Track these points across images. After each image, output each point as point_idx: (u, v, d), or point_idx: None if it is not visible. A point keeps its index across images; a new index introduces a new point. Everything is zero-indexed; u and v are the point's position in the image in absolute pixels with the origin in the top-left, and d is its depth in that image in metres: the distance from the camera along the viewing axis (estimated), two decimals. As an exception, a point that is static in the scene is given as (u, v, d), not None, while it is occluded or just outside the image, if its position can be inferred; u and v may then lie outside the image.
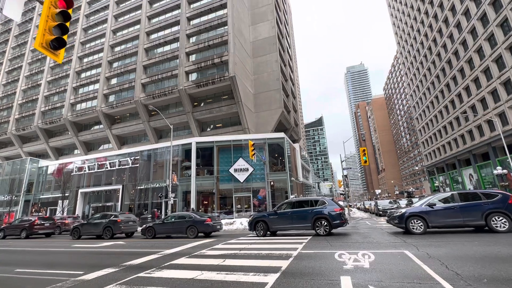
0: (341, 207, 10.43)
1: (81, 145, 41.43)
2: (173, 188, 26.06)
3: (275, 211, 11.17)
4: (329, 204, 10.39)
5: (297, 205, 11.05)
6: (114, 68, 40.03)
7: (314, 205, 10.66)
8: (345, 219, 10.31)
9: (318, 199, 10.86)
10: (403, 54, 62.90)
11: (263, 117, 34.97)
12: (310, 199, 11.03)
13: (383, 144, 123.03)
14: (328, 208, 10.14)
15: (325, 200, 10.61)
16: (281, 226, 10.84)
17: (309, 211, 10.39)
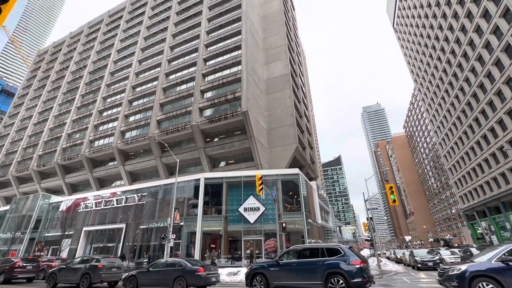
0: (363, 259, 7.94)
1: (94, 182, 41.34)
2: (176, 228, 23.89)
3: (277, 262, 8.87)
4: (347, 254, 8.00)
5: (305, 254, 8.71)
6: (133, 106, 41.69)
7: (327, 255, 8.27)
8: (370, 276, 7.80)
9: (332, 247, 8.49)
10: (421, 91, 61.46)
11: (276, 153, 33.41)
12: (321, 247, 8.67)
13: (408, 184, 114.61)
14: (345, 260, 7.73)
15: (342, 249, 8.22)
16: (285, 283, 8.45)
17: (319, 263, 8.03)
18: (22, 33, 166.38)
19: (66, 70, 57.99)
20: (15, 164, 49.94)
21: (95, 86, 49.28)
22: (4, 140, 57.85)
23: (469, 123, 40.94)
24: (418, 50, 57.16)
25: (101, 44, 55.71)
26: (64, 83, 54.97)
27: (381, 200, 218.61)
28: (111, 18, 58.84)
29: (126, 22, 54.56)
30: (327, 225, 38.19)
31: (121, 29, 53.26)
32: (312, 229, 31.70)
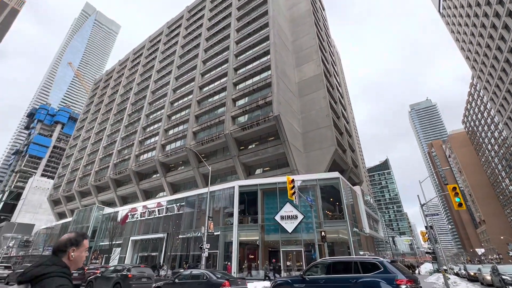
0: (410, 278, 6.12)
1: (141, 194, 44.04)
2: (212, 238, 23.49)
3: (301, 277, 7.52)
4: (388, 270, 6.29)
5: (336, 269, 7.21)
6: (171, 120, 43.90)
7: (361, 271, 6.65)
8: None
9: (369, 261, 6.84)
10: (482, 78, 53.24)
11: (314, 157, 31.42)
12: (355, 260, 7.07)
13: (475, 188, 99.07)
14: (386, 279, 6.05)
15: (381, 264, 6.51)
16: None
17: (352, 280, 6.50)
18: (84, 67, 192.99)
19: (116, 94, 64.50)
20: (77, 180, 56.30)
21: (139, 105, 53.53)
22: (69, 159, 66.10)
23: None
24: (473, 32, 50.09)
25: (143, 67, 60.85)
26: (114, 105, 61.03)
27: (441, 207, 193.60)
28: (151, 43, 64.23)
29: (164, 44, 58.87)
30: (377, 235, 34.21)
31: (160, 51, 57.57)
32: (362, 239, 28.57)
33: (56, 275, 1.65)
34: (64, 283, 1.65)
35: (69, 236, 1.92)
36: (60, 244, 1.87)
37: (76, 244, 1.90)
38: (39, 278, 1.61)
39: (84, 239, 1.97)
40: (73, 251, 1.86)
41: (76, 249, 1.88)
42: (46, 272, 1.64)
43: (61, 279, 1.65)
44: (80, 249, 1.91)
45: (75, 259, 1.86)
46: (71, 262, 1.84)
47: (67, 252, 1.84)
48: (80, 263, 1.93)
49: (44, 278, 1.62)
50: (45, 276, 1.62)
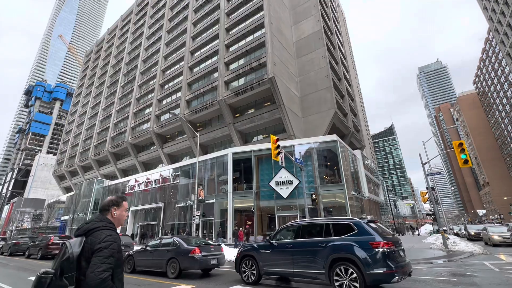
0: (388, 241, 5.15)
1: (140, 166, 43.88)
2: (206, 205, 23.17)
3: (269, 241, 6.61)
4: (363, 231, 5.34)
5: (306, 232, 6.24)
6: (164, 90, 42.01)
7: (333, 233, 5.68)
8: (400, 265, 4.99)
9: (341, 222, 5.87)
10: (499, 31, 48.66)
11: (312, 122, 29.89)
12: (326, 222, 6.02)
13: (481, 151, 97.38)
14: (359, 241, 5.17)
15: (355, 225, 5.55)
16: (277, 270, 6.26)
17: (322, 244, 5.63)
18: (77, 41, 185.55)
19: (107, 66, 61.78)
20: (78, 155, 56.42)
21: (131, 76, 51.25)
22: (69, 135, 65.81)
23: None
24: (493, -24, 44.68)
25: (133, 34, 57.20)
26: (107, 78, 58.75)
27: (445, 170, 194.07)
28: (139, 7, 59.62)
29: (152, 7, 54.53)
30: (378, 199, 33.85)
31: (148, 15, 53.56)
32: (363, 204, 28.12)
33: (105, 227, 1.96)
34: (112, 233, 1.95)
35: (111, 198, 2.18)
36: (104, 204, 2.15)
37: (117, 204, 2.15)
38: (91, 232, 1.92)
39: (123, 201, 2.19)
40: (114, 210, 2.12)
41: (117, 209, 2.14)
42: (96, 227, 1.94)
43: (109, 230, 1.96)
44: (121, 208, 2.16)
45: (117, 217, 2.13)
46: (114, 219, 2.11)
47: (110, 211, 2.11)
48: (122, 221, 2.18)
49: (95, 231, 1.92)
50: (96, 229, 1.92)
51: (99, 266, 1.73)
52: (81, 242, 1.88)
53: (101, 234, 1.88)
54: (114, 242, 1.89)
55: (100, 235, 1.88)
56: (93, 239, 1.86)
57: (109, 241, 1.86)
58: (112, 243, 1.87)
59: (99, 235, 1.87)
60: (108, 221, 2.04)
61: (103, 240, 1.85)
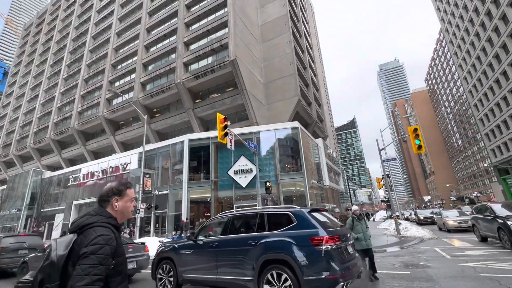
0: (333, 235, 4.01)
1: (89, 155, 39.40)
2: (159, 197, 21.19)
3: (191, 239, 5.28)
4: (302, 224, 4.16)
5: (237, 227, 4.97)
6: (117, 70, 37.75)
7: (267, 228, 4.41)
8: (345, 267, 3.89)
9: (278, 212, 4.63)
10: (449, 31, 52.50)
11: (276, 109, 29.02)
12: (259, 213, 4.74)
13: (430, 143, 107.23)
14: (296, 237, 4.01)
15: (294, 215, 4.33)
16: (197, 277, 4.90)
17: (252, 242, 4.35)
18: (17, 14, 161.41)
19: (50, 41, 54.00)
20: (14, 143, 49.06)
21: (79, 53, 45.32)
22: (3, 120, 56.86)
23: (511, 61, 33.80)
24: (447, -22, 47.53)
25: (81, 6, 50.37)
26: (50, 55, 51.38)
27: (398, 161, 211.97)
28: (89, -24, 52.48)
29: (103, -23, 48.29)
30: (338, 187, 34.64)
31: (99, -14, 47.35)
32: (325, 192, 28.26)
33: (99, 225, 1.55)
34: (105, 233, 1.51)
35: (111, 186, 1.76)
36: (102, 194, 1.74)
37: (119, 193, 1.72)
38: (83, 229, 1.53)
39: (127, 189, 1.76)
40: (116, 201, 1.70)
41: (120, 199, 1.71)
42: (89, 223, 1.55)
43: (103, 229, 1.53)
44: (124, 198, 1.73)
45: (120, 209, 1.71)
46: (117, 212, 1.69)
47: (110, 202, 1.70)
48: (128, 214, 1.74)
49: (87, 228, 1.53)
50: (89, 226, 1.53)
51: (82, 278, 1.34)
52: (69, 242, 1.51)
53: (91, 234, 1.47)
54: (105, 245, 1.46)
55: (90, 234, 1.47)
56: (83, 239, 1.48)
57: (98, 244, 1.44)
58: (102, 246, 1.44)
59: (89, 235, 1.47)
60: (107, 215, 1.63)
61: (91, 242, 1.44)
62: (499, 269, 5.60)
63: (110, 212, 1.66)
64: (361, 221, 6.02)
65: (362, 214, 6.21)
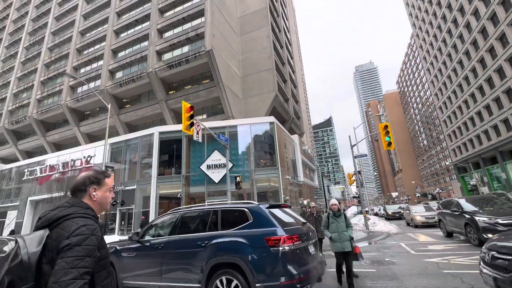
0: (292, 234, 3.60)
1: (50, 147, 36.19)
2: (125, 192, 19.88)
3: (135, 240, 4.63)
4: (259, 221, 3.72)
5: (187, 225, 4.38)
6: (82, 56, 34.86)
7: (220, 226, 3.90)
8: (308, 270, 3.50)
9: (233, 208, 4.15)
10: (419, 36, 55.25)
11: (253, 104, 28.52)
12: (212, 209, 4.23)
13: (399, 143, 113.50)
14: (250, 237, 3.58)
15: (250, 212, 3.89)
16: (139, 284, 4.26)
17: (203, 243, 3.85)
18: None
19: (6, 20, 48.59)
20: (-40, 132, 43.72)
21: (40, 35, 41.21)
22: None
23: (473, 66, 36.25)
24: (419, -15, 49.75)
25: (43, -17, 45.75)
26: (5, 35, 46.22)
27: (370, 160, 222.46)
28: (52, -50, 47.78)
29: (69, -47, 44.20)
30: (312, 184, 35.14)
31: (64, -38, 43.24)
32: (301, 188, 28.40)
33: (78, 216, 1.37)
34: (89, 222, 1.36)
35: (87, 174, 1.58)
36: (78, 183, 1.53)
37: (97, 182, 1.55)
38: (57, 222, 1.35)
39: (105, 177, 1.61)
40: (94, 190, 1.53)
41: (98, 188, 1.54)
42: (65, 214, 1.37)
43: (84, 219, 1.37)
44: (103, 188, 1.57)
45: (99, 200, 1.53)
46: (95, 203, 1.52)
47: (87, 192, 1.52)
48: (106, 205, 1.60)
49: (63, 220, 1.35)
50: (64, 218, 1.35)
51: (67, 272, 1.19)
52: (42, 237, 1.34)
53: (71, 225, 1.33)
54: (91, 235, 1.32)
55: (70, 226, 1.32)
56: (60, 232, 1.31)
57: (83, 235, 1.30)
58: (88, 236, 1.31)
59: (69, 226, 1.32)
60: (84, 206, 1.46)
61: (74, 233, 1.29)
62: (461, 264, 5.63)
63: (87, 203, 1.49)
64: (338, 218, 5.09)
65: (342, 209, 5.38)
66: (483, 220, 7.41)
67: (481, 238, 7.08)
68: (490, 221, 7.21)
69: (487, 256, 2.87)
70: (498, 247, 2.85)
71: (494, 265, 2.71)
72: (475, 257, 6.16)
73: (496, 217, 7.24)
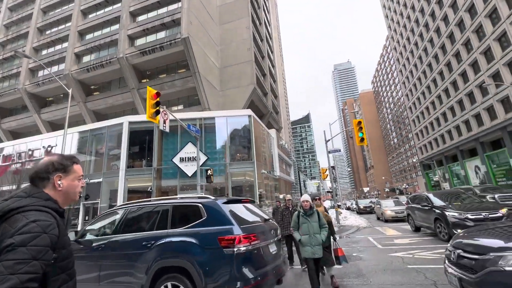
0: (250, 233, 3.21)
1: (5, 135, 32.87)
2: (90, 185, 18.58)
3: (75, 240, 4.06)
4: (213, 218, 3.28)
5: (132, 223, 3.87)
6: (45, 35, 31.79)
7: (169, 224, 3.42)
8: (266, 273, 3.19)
9: (185, 204, 3.69)
10: (394, 38, 57.50)
11: (230, 96, 27.87)
12: (162, 204, 3.74)
13: (372, 140, 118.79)
14: (202, 236, 3.17)
15: (204, 207, 3.42)
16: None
17: (148, 243, 3.37)
18: None
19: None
20: None
21: (-7, 10, 36.87)
22: None
23: (440, 69, 38.44)
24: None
25: (-2, -49, 40.81)
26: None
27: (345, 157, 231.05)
28: None
29: None
30: (288, 178, 35.50)
31: None
32: (278, 183, 28.43)
33: (33, 208, 1.15)
34: (42, 218, 1.13)
35: (51, 159, 1.32)
36: (39, 170, 1.28)
37: (64, 169, 1.31)
38: (7, 215, 1.12)
39: (74, 164, 1.36)
40: (59, 179, 1.29)
41: (64, 176, 1.30)
42: (18, 206, 1.14)
43: (38, 213, 1.14)
44: (70, 176, 1.32)
45: (65, 190, 1.30)
46: (60, 193, 1.28)
47: (50, 180, 1.28)
48: (75, 196, 1.36)
49: (14, 213, 1.12)
50: (17, 211, 1.13)
51: (5, 279, 0.98)
52: None
53: (20, 220, 1.10)
54: (41, 233, 1.09)
55: (18, 221, 1.09)
56: (7, 228, 1.09)
57: (31, 233, 1.07)
58: (37, 235, 1.07)
59: (17, 222, 1.09)
60: (44, 196, 1.23)
61: (20, 230, 1.06)
62: (425, 259, 5.74)
63: (49, 193, 1.26)
64: (310, 217, 4.31)
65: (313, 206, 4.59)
66: (453, 215, 7.44)
67: (450, 234, 7.19)
68: (460, 216, 7.26)
69: (453, 255, 2.78)
70: (464, 245, 2.75)
71: (460, 265, 2.61)
72: (438, 251, 6.35)
73: (466, 212, 7.31)
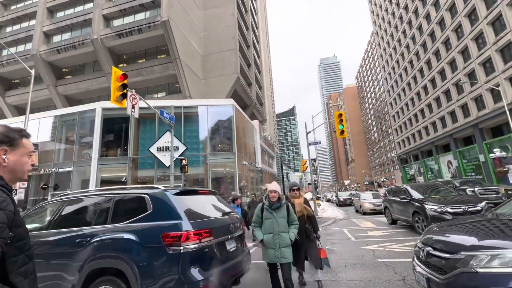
0: (202, 229, 2.78)
1: (-35, 119, 30.13)
2: (59, 175, 17.50)
3: None
4: (159, 212, 2.82)
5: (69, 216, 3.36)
6: (10, 11, 29.05)
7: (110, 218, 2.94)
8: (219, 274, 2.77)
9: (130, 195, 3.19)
10: (379, 34, 58.24)
11: (213, 85, 27.05)
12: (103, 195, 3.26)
13: (353, 134, 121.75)
14: (143, 232, 2.73)
15: (150, 199, 2.95)
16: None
17: (83, 241, 2.90)
18: None
19: None
20: None
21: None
22: None
23: (420, 67, 39.49)
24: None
25: None
26: None
27: (328, 150, 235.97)
28: None
29: None
30: (271, 170, 35.51)
31: None
32: (262, 175, 28.21)
33: None
34: None
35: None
36: None
37: (10, 142, 1.16)
38: None
39: (23, 137, 1.21)
40: (4, 153, 1.15)
41: (10, 151, 1.16)
42: None
43: None
44: (18, 151, 1.18)
45: (11, 165, 1.16)
46: (5, 169, 1.15)
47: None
48: (23, 174, 1.21)
49: None
50: None
51: None
52: None
53: None
54: None
55: None
56: None
57: None
58: None
59: None
60: None
61: None
62: (395, 252, 5.73)
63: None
64: (276, 211, 3.46)
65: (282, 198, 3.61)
66: (432, 209, 7.27)
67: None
68: (439, 210, 7.10)
69: (422, 252, 2.59)
70: (434, 242, 2.57)
71: (429, 264, 2.43)
72: (408, 243, 6.38)
73: (446, 205, 7.16)
